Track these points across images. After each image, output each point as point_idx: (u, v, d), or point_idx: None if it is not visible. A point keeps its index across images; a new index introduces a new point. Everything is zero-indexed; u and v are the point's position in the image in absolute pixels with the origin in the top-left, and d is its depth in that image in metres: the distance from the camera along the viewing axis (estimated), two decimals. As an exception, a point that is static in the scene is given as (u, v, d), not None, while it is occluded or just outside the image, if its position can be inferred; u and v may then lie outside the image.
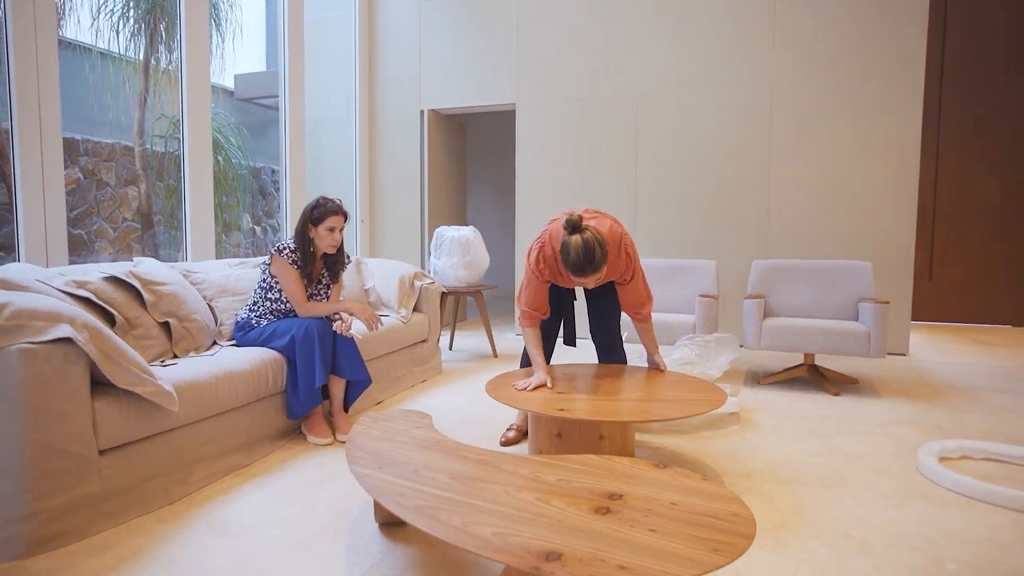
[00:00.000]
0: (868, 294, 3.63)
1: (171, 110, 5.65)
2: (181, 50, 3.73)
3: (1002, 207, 6.00)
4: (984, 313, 6.12)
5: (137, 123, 5.49)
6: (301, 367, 2.48)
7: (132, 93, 5.58)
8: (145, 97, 5.57)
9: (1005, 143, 5.95)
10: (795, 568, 1.61)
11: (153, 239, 5.59)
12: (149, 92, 5.60)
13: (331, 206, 2.63)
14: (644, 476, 1.49)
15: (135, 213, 5.73)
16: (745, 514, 1.29)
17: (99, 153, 5.40)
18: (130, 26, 5.49)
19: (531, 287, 2.39)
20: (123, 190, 5.71)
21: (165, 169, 5.81)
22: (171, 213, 5.84)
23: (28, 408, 1.62)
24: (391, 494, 1.39)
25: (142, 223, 5.48)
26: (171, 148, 5.72)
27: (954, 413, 3.07)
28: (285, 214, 4.74)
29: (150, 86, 5.61)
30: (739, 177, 4.80)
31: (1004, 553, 1.70)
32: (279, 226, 8.25)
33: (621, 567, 1.09)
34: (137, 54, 5.56)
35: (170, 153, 5.69)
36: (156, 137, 5.59)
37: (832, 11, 4.52)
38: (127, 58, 5.53)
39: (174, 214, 5.76)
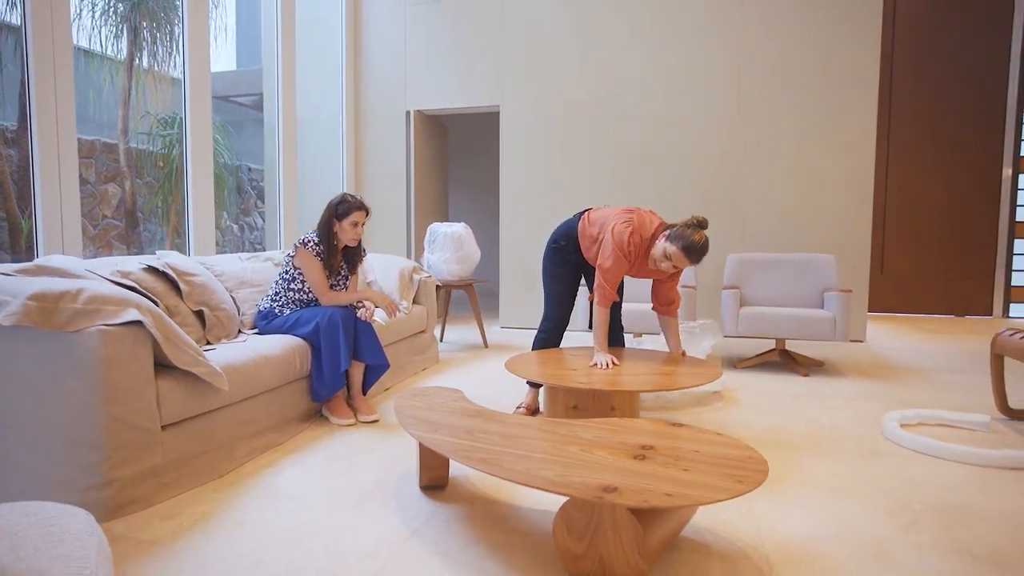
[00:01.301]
0: (832, 284, 3.99)
1: (155, 108, 5.67)
2: (183, 51, 3.82)
3: (944, 206, 6.51)
4: (930, 304, 6.63)
5: (121, 120, 5.50)
6: (326, 352, 2.64)
7: (114, 91, 5.58)
8: (128, 95, 5.58)
9: (945, 148, 6.47)
10: (791, 511, 1.88)
11: (138, 236, 5.60)
12: (132, 90, 5.61)
13: (356, 202, 2.80)
14: (666, 432, 1.73)
15: (115, 210, 5.74)
16: (757, 457, 1.55)
17: (79, 150, 5.40)
18: (112, 23, 5.49)
19: (619, 266, 2.59)
20: (103, 187, 5.71)
21: (145, 167, 5.82)
22: (150, 210, 5.86)
23: (106, 384, 1.77)
24: (456, 451, 1.60)
25: (126, 220, 5.49)
26: (155, 146, 5.74)
27: (909, 389, 3.43)
28: (278, 213, 4.85)
29: (133, 84, 5.62)
30: (712, 177, 5.13)
31: (955, 495, 2.01)
32: (256, 224, 8.29)
33: (667, 494, 1.32)
34: (119, 52, 5.57)
35: (155, 151, 5.71)
36: (141, 135, 5.61)
37: (795, 29, 4.89)
38: (109, 56, 5.54)
39: (158, 211, 5.78)
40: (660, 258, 2.52)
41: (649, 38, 5.18)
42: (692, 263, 2.48)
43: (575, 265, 2.87)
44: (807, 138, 4.94)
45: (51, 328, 1.70)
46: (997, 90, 6.35)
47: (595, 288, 2.67)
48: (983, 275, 6.51)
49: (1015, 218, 6.44)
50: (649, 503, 1.29)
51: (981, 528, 1.79)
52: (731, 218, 5.12)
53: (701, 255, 2.46)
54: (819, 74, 4.87)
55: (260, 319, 2.83)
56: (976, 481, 2.13)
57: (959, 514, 1.88)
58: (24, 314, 1.64)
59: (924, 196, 6.56)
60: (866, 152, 4.84)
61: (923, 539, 1.72)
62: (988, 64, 6.36)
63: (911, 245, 6.62)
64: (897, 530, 1.77)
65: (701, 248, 2.44)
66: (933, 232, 6.57)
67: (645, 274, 2.73)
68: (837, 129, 4.88)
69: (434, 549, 1.65)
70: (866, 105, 4.81)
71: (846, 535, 1.74)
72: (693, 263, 2.48)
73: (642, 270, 2.71)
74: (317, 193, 5.87)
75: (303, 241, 2.79)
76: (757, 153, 5.04)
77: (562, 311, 2.90)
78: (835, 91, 4.85)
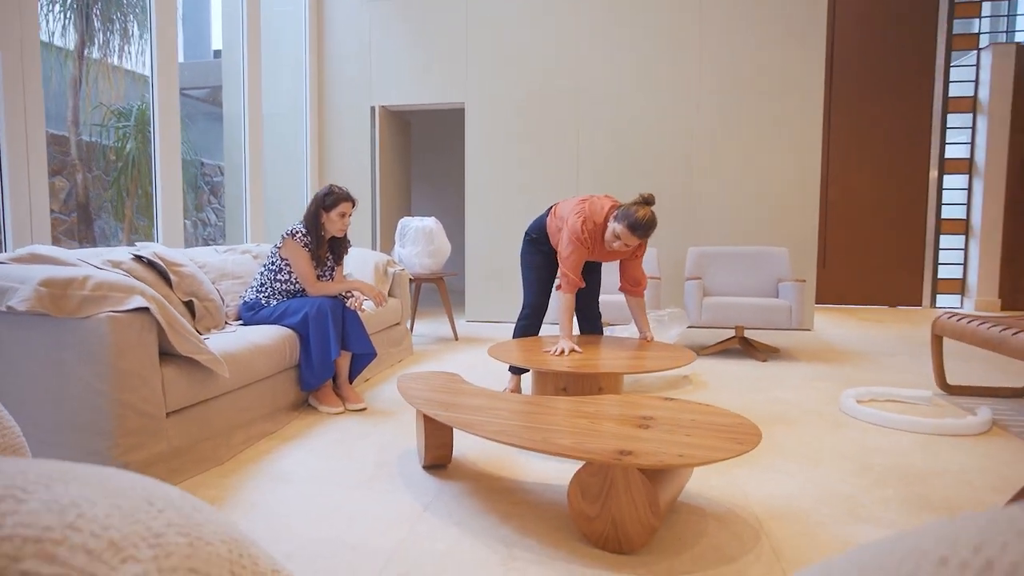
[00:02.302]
0: (786, 275, 4.25)
1: (109, 99, 5.49)
2: (152, 43, 3.75)
3: (878, 205, 6.98)
4: (866, 295, 7.09)
5: (71, 111, 5.30)
6: (316, 342, 2.68)
7: (62, 80, 5.37)
8: (79, 85, 5.38)
9: (880, 151, 6.94)
10: (770, 476, 2.06)
11: (91, 231, 5.41)
12: (83, 80, 5.41)
13: (343, 193, 2.84)
14: (661, 405, 1.87)
15: (63, 204, 5.52)
16: (748, 423, 1.70)
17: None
18: (60, 12, 5.28)
19: (576, 253, 2.74)
20: (50, 180, 5.49)
21: (95, 160, 5.62)
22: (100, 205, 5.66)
23: (115, 371, 1.78)
24: (473, 426, 1.69)
25: (79, 214, 5.29)
26: (108, 139, 5.55)
27: (857, 370, 3.71)
28: (245, 207, 4.78)
29: (84, 74, 5.42)
30: (671, 175, 5.35)
31: (909, 458, 2.24)
32: (209, 220, 8.08)
33: (679, 455, 1.46)
34: (67, 42, 5.36)
35: (108, 144, 5.52)
36: (94, 126, 5.42)
37: (748, 39, 5.16)
38: (56, 45, 5.32)
39: (109, 205, 5.59)
40: (611, 239, 2.68)
41: (611, 41, 5.36)
42: (639, 239, 2.62)
43: (547, 255, 3.01)
44: (758, 140, 5.22)
45: (61, 314, 1.70)
46: (924, 98, 6.85)
47: (559, 276, 2.83)
48: (913, 269, 7.01)
49: (941, 216, 6.96)
50: (664, 463, 1.41)
51: (934, 484, 2.00)
52: (688, 214, 5.36)
53: (647, 230, 2.58)
54: (770, 80, 5.17)
55: (245, 310, 2.83)
56: (924, 446, 2.36)
57: (914, 474, 2.09)
58: (37, 300, 1.63)
59: (860, 195, 7.00)
60: (812, 153, 5.16)
61: (887, 495, 1.92)
62: (916, 74, 6.85)
63: (849, 241, 7.06)
64: (864, 489, 1.97)
65: (646, 224, 2.57)
66: (868, 229, 7.03)
67: (607, 256, 2.87)
68: (786, 132, 5.18)
69: (449, 520, 1.74)
70: (812, 110, 5.13)
71: (821, 495, 1.92)
72: (640, 239, 2.62)
73: (603, 253, 2.85)
74: (278, 187, 5.80)
75: (291, 232, 2.82)
76: (712, 153, 5.30)
77: (540, 298, 3.03)
78: (784, 96, 5.15)
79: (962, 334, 2.84)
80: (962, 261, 7.01)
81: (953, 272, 7.02)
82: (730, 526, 1.70)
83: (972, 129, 6.92)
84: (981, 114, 6.83)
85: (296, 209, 5.82)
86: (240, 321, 2.86)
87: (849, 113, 6.97)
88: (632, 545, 1.52)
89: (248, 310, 2.82)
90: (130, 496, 0.53)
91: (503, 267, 5.64)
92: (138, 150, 5.30)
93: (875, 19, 6.86)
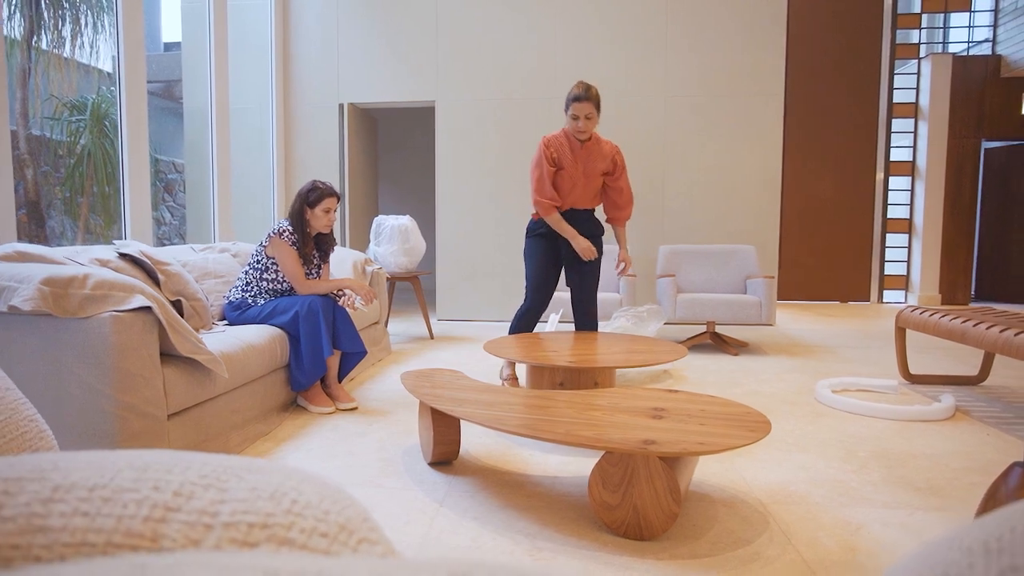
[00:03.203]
0: (754, 272, 4.41)
1: (59, 91, 5.23)
2: (119, 36, 3.60)
3: (829, 205, 7.31)
4: (819, 292, 7.41)
5: (20, 103, 5.03)
6: (307, 341, 2.64)
7: (10, 71, 5.08)
8: (27, 76, 5.11)
9: (831, 153, 7.26)
10: (763, 464, 2.15)
11: (43, 230, 5.14)
12: (32, 71, 5.14)
13: (327, 188, 2.81)
14: (669, 397, 1.94)
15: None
16: (756, 413, 1.78)
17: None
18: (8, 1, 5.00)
19: (539, 169, 2.92)
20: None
21: (45, 155, 5.34)
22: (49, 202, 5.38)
23: (118, 372, 1.72)
24: (493, 421, 1.71)
25: (29, 212, 5.03)
26: (59, 133, 5.28)
27: (822, 363, 3.89)
28: (212, 204, 4.64)
29: (33, 64, 5.15)
30: (639, 175, 5.47)
31: (887, 443, 2.37)
32: (164, 218, 7.79)
33: (699, 443, 1.52)
34: (13, 31, 5.08)
35: (59, 140, 5.25)
36: (45, 120, 5.15)
37: (713, 44, 5.33)
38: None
39: (60, 203, 5.32)
40: (572, 128, 2.90)
41: (582, 42, 5.44)
42: (583, 103, 2.81)
43: (545, 236, 3.07)
44: (723, 141, 5.40)
45: (63, 314, 1.63)
46: (871, 104, 7.21)
47: (533, 204, 2.99)
48: (862, 266, 7.36)
49: (886, 216, 7.34)
50: (688, 451, 1.47)
51: (914, 466, 2.14)
52: (657, 212, 5.49)
53: (585, 93, 2.80)
54: (734, 82, 5.34)
55: (231, 310, 2.77)
56: (898, 432, 2.51)
57: (894, 458, 2.22)
58: (40, 299, 1.57)
59: (813, 196, 7.32)
60: (774, 155, 5.37)
61: (874, 477, 2.04)
62: (864, 81, 7.20)
63: (803, 239, 7.36)
64: (852, 472, 2.08)
65: (581, 91, 2.80)
66: (820, 228, 7.34)
67: (589, 162, 2.99)
68: (749, 133, 5.37)
69: (466, 515, 1.75)
70: (773, 113, 5.34)
71: (814, 479, 2.02)
72: (584, 102, 2.81)
73: (582, 159, 2.98)
74: (243, 185, 5.65)
75: (278, 231, 2.76)
76: (679, 153, 5.44)
77: (538, 294, 3.08)
78: (747, 98, 5.34)
79: (925, 326, 3.02)
80: (906, 258, 7.41)
81: (898, 269, 7.42)
82: (738, 511, 1.77)
83: (914, 133, 7.32)
84: (922, 119, 7.23)
85: (264, 207, 5.68)
86: (225, 321, 2.80)
87: (802, 117, 7.26)
88: (653, 532, 1.57)
89: (234, 310, 2.76)
90: (313, 481, 0.54)
91: (475, 266, 5.65)
92: (94, 145, 5.06)
93: (825, 27, 7.18)
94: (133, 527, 0.42)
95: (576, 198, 3.02)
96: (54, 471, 0.45)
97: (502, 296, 5.60)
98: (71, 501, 0.43)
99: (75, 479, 0.44)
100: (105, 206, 5.59)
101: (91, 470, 0.45)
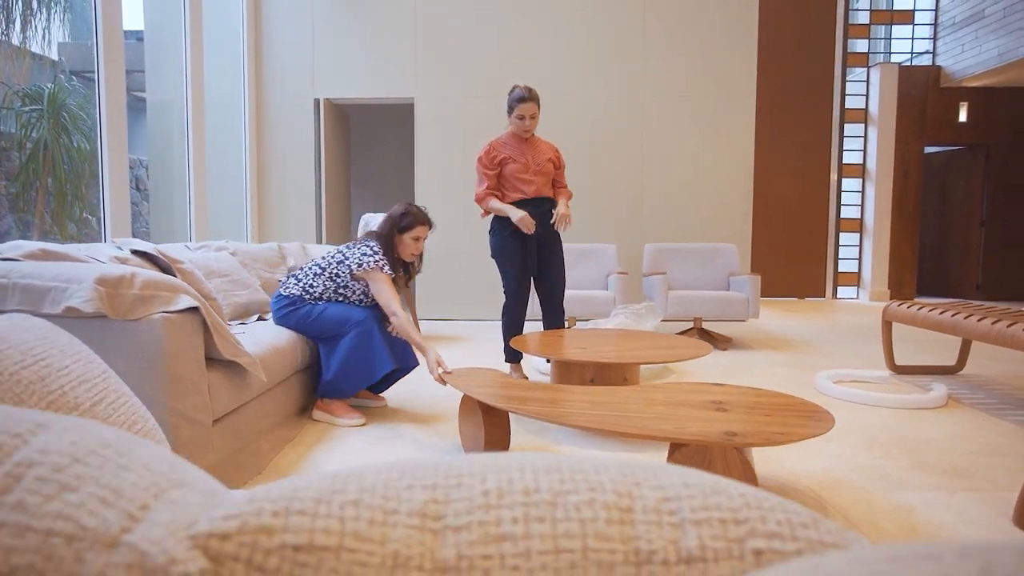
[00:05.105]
0: (737, 269, 4.56)
1: (14, 80, 4.86)
2: (97, 25, 3.39)
3: (788, 204, 7.62)
4: (779, 288, 7.72)
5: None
6: (358, 350, 2.48)
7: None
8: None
9: (790, 154, 7.58)
10: (797, 454, 2.23)
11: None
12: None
13: (421, 215, 2.64)
14: (720, 391, 1.98)
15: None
16: (814, 405, 1.84)
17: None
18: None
19: (482, 180, 3.14)
20: (-66, 170, 4.80)
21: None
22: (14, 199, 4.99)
23: (169, 377, 1.62)
24: (566, 418, 1.71)
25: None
26: (8, 125, 4.91)
27: (806, 356, 4.06)
28: (189, 202, 4.43)
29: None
30: (617, 174, 5.56)
31: (896, 430, 2.51)
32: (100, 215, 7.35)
33: (779, 432, 1.56)
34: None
35: (11, 132, 4.88)
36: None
37: (688, 47, 5.47)
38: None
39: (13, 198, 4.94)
40: (517, 127, 3.09)
41: (559, 42, 5.48)
42: (529, 103, 3.02)
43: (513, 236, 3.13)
44: (696, 140, 5.55)
45: (116, 316, 1.53)
46: (825, 109, 7.57)
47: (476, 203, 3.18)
48: (818, 263, 7.72)
49: (840, 215, 7.72)
50: (771, 442, 1.51)
51: (930, 451, 2.26)
52: (636, 211, 5.59)
53: (530, 94, 3.02)
54: (708, 84, 5.50)
55: (286, 304, 2.60)
56: (903, 420, 2.65)
57: (910, 443, 2.35)
58: (98, 300, 1.46)
59: (774, 195, 7.62)
60: (746, 156, 5.56)
61: (902, 463, 2.14)
62: (819, 87, 7.55)
63: (763, 237, 7.65)
64: (880, 459, 2.18)
65: (527, 92, 3.02)
66: (781, 226, 7.65)
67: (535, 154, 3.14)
68: (723, 134, 5.54)
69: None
70: (746, 115, 5.53)
71: (850, 466, 2.11)
72: (529, 102, 3.02)
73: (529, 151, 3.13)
74: (212, 181, 5.41)
75: (379, 264, 2.55)
76: (656, 154, 5.56)
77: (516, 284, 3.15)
78: (721, 102, 5.51)
79: (913, 319, 3.20)
80: (857, 256, 7.81)
81: (851, 266, 7.81)
82: (795, 498, 1.83)
83: (864, 138, 7.73)
84: (871, 124, 7.64)
85: (236, 203, 5.46)
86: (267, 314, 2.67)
87: (762, 120, 7.54)
88: (729, 522, 1.61)
89: (288, 305, 2.59)
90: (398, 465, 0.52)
91: (456, 263, 5.60)
92: (51, 137, 4.73)
93: (783, 34, 7.48)
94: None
95: (538, 186, 3.15)
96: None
97: (483, 294, 5.58)
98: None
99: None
100: (61, 203, 5.24)
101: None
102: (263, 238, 5.63)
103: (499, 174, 3.12)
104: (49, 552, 0.34)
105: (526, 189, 3.09)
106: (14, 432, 0.46)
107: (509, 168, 3.10)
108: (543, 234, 3.14)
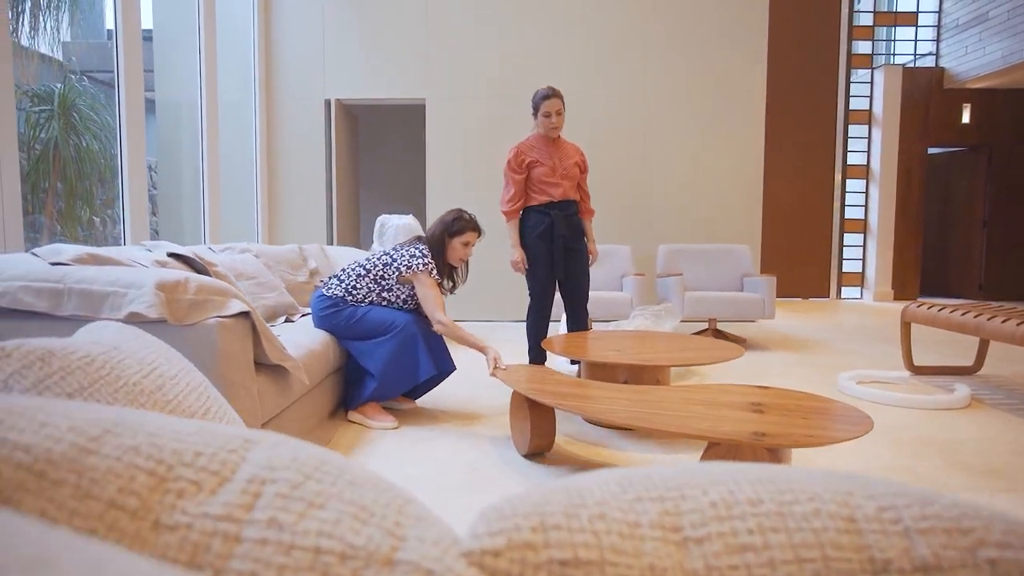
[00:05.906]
0: (750, 270, 4.59)
1: (22, 80, 4.83)
2: (117, 26, 3.38)
3: (793, 205, 7.67)
4: (784, 288, 7.76)
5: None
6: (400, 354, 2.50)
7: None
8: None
9: (794, 155, 7.62)
10: (833, 454, 2.26)
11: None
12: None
13: (471, 221, 2.69)
14: (759, 393, 2.00)
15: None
16: (853, 408, 1.86)
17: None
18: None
19: (509, 185, 3.14)
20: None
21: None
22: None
23: (224, 381, 1.63)
24: (606, 414, 1.73)
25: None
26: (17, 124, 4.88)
27: (822, 356, 4.09)
28: (203, 204, 4.41)
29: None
30: (627, 173, 5.58)
31: (924, 431, 2.53)
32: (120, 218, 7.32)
33: (808, 435, 1.58)
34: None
35: (19, 131, 4.86)
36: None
37: (692, 47, 5.50)
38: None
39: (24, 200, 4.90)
40: (545, 127, 3.09)
41: (564, 41, 5.50)
42: (553, 99, 3.04)
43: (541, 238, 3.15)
44: (703, 143, 5.58)
45: (175, 321, 1.54)
46: (830, 110, 7.61)
47: (502, 210, 3.20)
48: (822, 264, 7.76)
49: (844, 216, 7.77)
50: (800, 443, 1.53)
51: (963, 452, 2.29)
52: (644, 212, 5.62)
53: (553, 91, 3.05)
54: (714, 88, 5.53)
55: (329, 305, 2.59)
56: (928, 420, 2.68)
57: (941, 444, 2.37)
58: (160, 305, 1.47)
59: (778, 196, 7.66)
60: (756, 157, 5.59)
61: (935, 463, 2.17)
62: (823, 88, 7.60)
63: (770, 237, 7.69)
64: (912, 459, 2.21)
65: (550, 90, 3.05)
66: (785, 226, 7.70)
67: (562, 157, 3.15)
68: (728, 135, 5.57)
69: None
70: (755, 116, 5.56)
71: (886, 466, 2.14)
72: (553, 99, 3.04)
73: (556, 154, 3.14)
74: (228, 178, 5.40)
75: (427, 267, 2.57)
76: (661, 156, 5.59)
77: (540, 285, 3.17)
78: (729, 103, 5.54)
79: (934, 320, 3.23)
80: (861, 256, 7.86)
81: (855, 267, 7.86)
82: (837, 500, 1.85)
83: (868, 139, 7.78)
84: (875, 125, 7.69)
85: (244, 205, 5.45)
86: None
87: (767, 121, 7.58)
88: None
89: (332, 306, 2.59)
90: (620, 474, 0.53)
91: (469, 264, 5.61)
92: (61, 137, 4.71)
93: (787, 35, 7.52)
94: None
95: (565, 190, 3.16)
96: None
97: (496, 295, 5.59)
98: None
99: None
100: (71, 205, 5.22)
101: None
102: (274, 240, 5.62)
103: (527, 177, 3.12)
104: (325, 571, 0.35)
105: (553, 192, 3.10)
106: (229, 448, 0.47)
107: (536, 172, 3.11)
108: (569, 237, 3.15)
